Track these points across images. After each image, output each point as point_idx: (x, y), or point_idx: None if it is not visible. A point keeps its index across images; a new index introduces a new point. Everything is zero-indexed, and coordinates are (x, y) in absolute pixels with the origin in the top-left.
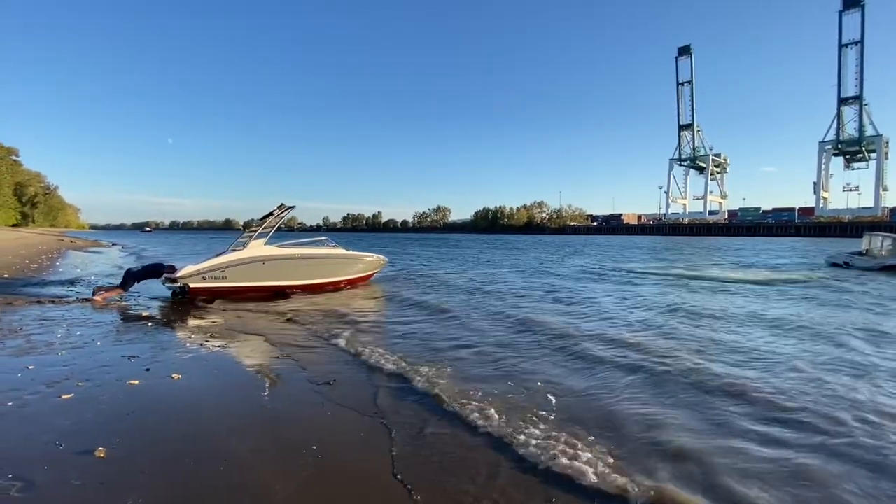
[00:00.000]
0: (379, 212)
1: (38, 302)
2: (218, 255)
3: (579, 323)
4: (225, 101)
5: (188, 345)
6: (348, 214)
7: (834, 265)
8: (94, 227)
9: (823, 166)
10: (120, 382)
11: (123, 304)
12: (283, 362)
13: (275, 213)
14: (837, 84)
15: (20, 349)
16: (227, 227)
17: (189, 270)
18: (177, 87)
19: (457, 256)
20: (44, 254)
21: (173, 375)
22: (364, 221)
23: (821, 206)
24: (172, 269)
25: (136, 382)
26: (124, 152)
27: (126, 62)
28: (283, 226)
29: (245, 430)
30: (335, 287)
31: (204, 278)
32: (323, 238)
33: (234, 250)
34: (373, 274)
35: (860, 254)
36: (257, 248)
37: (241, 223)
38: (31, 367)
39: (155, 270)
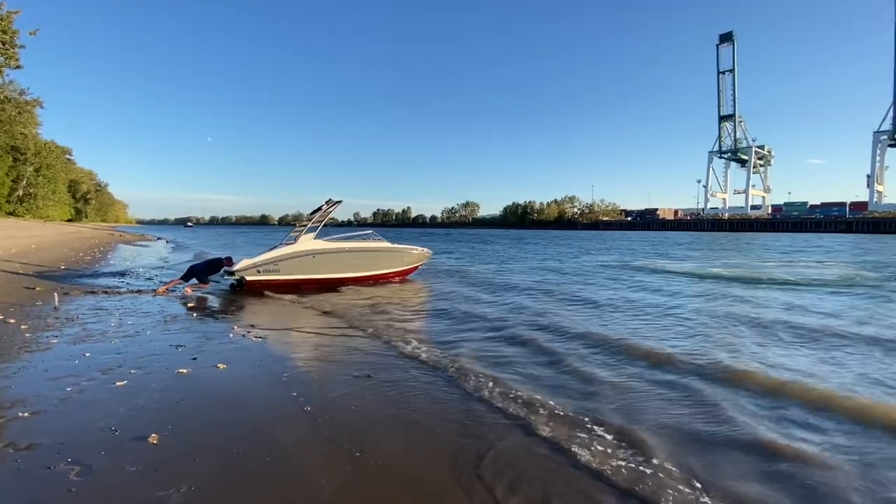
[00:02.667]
0: (408, 207)
1: (93, 292)
2: (271, 250)
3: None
4: (260, 101)
5: (231, 335)
6: (378, 210)
7: None
8: (140, 221)
9: (878, 158)
10: (169, 371)
11: (175, 294)
12: (323, 354)
13: (323, 207)
14: (893, 69)
15: (77, 337)
16: (263, 222)
17: (245, 264)
18: (216, 87)
19: (479, 254)
20: (96, 247)
21: (219, 365)
22: (394, 217)
23: (875, 200)
24: (230, 262)
25: (185, 371)
26: (167, 151)
27: (166, 65)
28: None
29: (288, 421)
30: (383, 279)
31: (259, 271)
32: (369, 232)
33: (286, 244)
34: (417, 266)
35: None
36: (307, 242)
37: (276, 218)
38: (87, 355)
39: (216, 265)
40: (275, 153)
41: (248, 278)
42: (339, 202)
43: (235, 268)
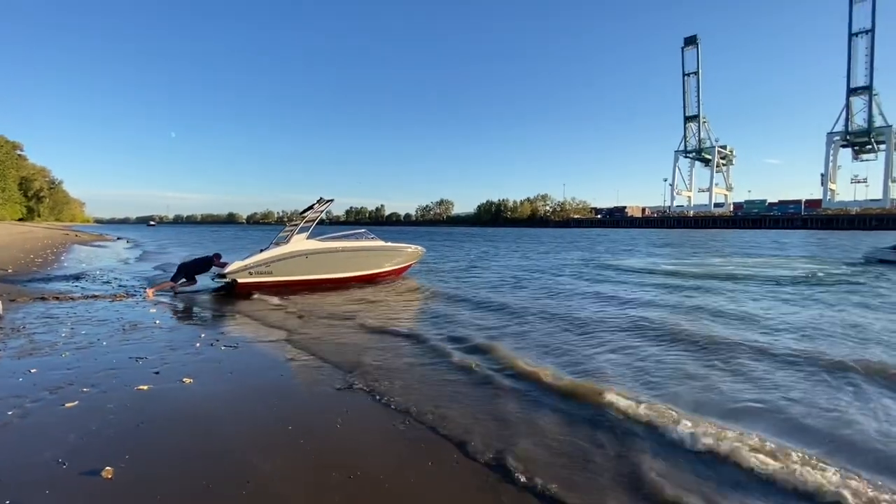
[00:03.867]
0: (382, 205)
1: (43, 298)
2: (262, 251)
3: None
4: (227, 96)
5: (198, 345)
6: (351, 208)
7: (882, 262)
8: (98, 220)
9: (831, 158)
10: (127, 388)
11: (133, 299)
12: (300, 363)
13: (315, 206)
14: (847, 74)
15: (22, 350)
16: (231, 220)
17: (236, 266)
18: (180, 82)
19: (452, 251)
20: (49, 248)
21: (184, 380)
22: (367, 215)
23: (828, 198)
24: (219, 259)
25: (145, 388)
26: (128, 146)
27: (128, 58)
28: (286, 220)
29: (267, 445)
30: (377, 278)
31: (250, 273)
32: (362, 230)
33: (277, 245)
34: (411, 264)
35: None
36: (300, 242)
37: (244, 217)
38: (33, 371)
39: (205, 263)
40: (243, 149)
41: (239, 280)
42: (331, 201)
43: (227, 270)
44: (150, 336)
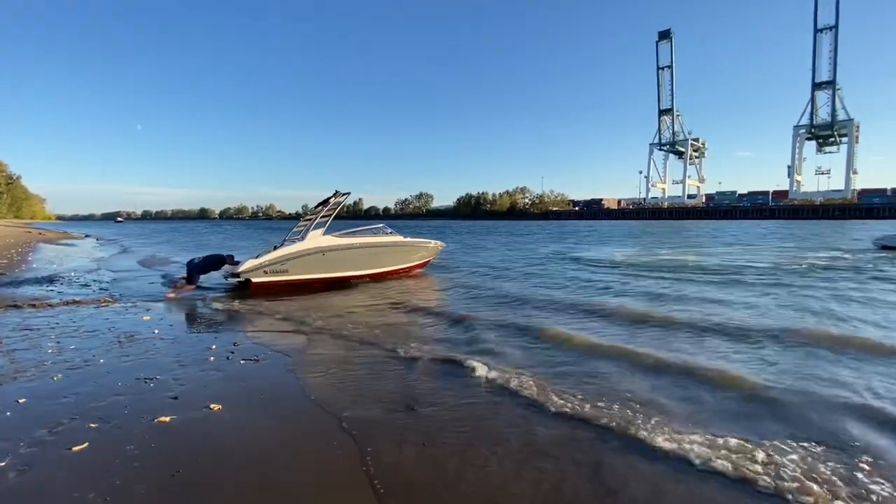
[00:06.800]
0: (360, 199)
1: (16, 306)
2: (276, 248)
3: None
4: (196, 87)
5: (212, 359)
6: None
7: (885, 248)
8: (61, 217)
9: (797, 150)
10: (144, 419)
11: (121, 304)
12: (340, 376)
13: (330, 201)
14: (812, 69)
15: (4, 374)
16: (203, 216)
17: (251, 265)
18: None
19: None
20: (12, 248)
21: (212, 406)
22: (345, 209)
23: (794, 189)
24: (232, 259)
25: (167, 419)
26: (91, 140)
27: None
28: (261, 215)
29: (349, 496)
30: (396, 274)
31: (265, 272)
32: (380, 225)
33: (292, 242)
34: (430, 260)
35: None
36: (316, 238)
37: (217, 212)
38: (22, 401)
39: (217, 262)
40: (214, 143)
41: (254, 280)
42: (347, 194)
43: (240, 269)
44: (152, 349)
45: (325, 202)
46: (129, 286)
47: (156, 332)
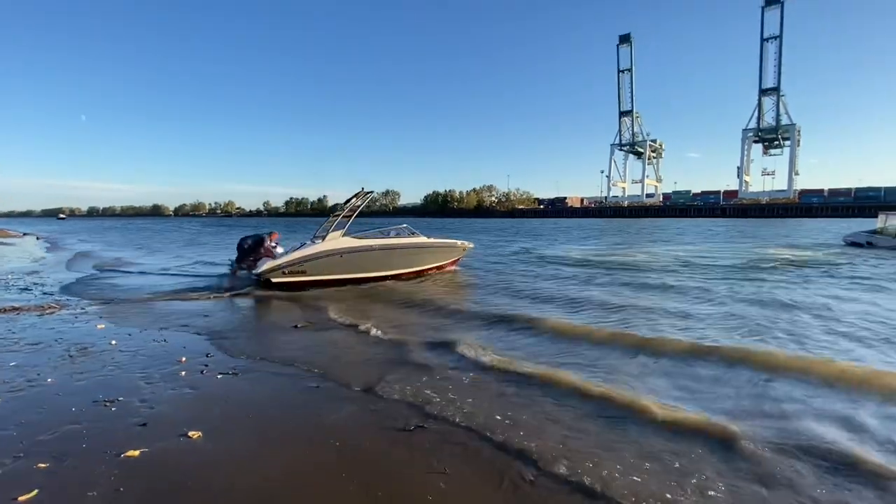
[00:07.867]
0: (325, 195)
1: None
2: (296, 249)
3: None
4: (149, 77)
5: (183, 373)
6: (291, 198)
7: (853, 244)
8: None
9: (746, 152)
10: (107, 455)
11: (69, 310)
12: (327, 390)
13: (353, 200)
14: (759, 76)
15: None
16: (156, 213)
17: (270, 265)
18: (94, 60)
19: None
20: None
21: (190, 433)
22: (309, 206)
23: (743, 189)
24: (272, 237)
25: (136, 454)
26: (29, 131)
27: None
28: (220, 211)
29: None
30: (421, 275)
31: (284, 273)
32: (403, 225)
33: (314, 242)
34: (457, 260)
35: (874, 233)
36: (335, 240)
37: (171, 209)
38: None
39: (261, 240)
40: (167, 136)
41: (273, 280)
42: (371, 192)
43: (260, 269)
44: (110, 364)
45: (348, 202)
46: (79, 289)
47: (113, 342)
